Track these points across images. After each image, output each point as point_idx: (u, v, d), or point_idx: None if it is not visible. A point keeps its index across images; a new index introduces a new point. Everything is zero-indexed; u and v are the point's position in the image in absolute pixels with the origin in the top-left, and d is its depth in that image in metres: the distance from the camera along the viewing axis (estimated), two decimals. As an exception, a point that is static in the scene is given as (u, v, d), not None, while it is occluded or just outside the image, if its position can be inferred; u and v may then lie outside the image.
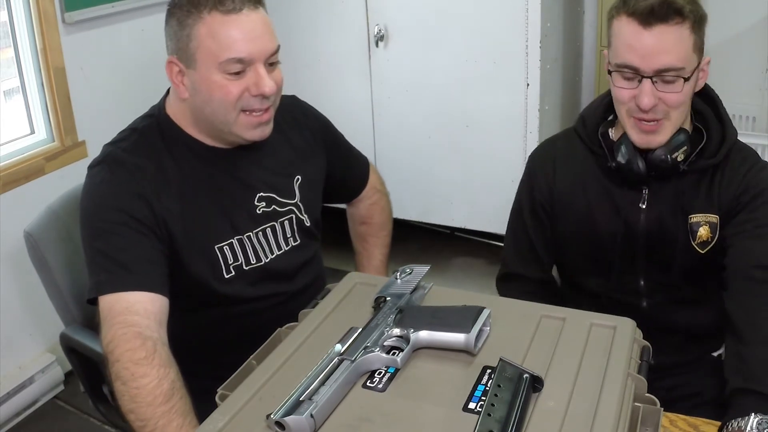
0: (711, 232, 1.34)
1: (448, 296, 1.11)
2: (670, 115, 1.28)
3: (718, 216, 1.33)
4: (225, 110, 1.26)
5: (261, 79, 1.24)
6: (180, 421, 1.08)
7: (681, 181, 1.34)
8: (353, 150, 1.62)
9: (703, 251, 1.35)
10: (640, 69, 1.24)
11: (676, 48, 1.22)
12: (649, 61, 1.22)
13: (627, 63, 1.25)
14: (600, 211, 1.39)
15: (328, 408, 0.87)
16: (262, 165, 1.39)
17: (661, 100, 1.25)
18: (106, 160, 1.30)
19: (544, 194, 1.45)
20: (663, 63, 1.22)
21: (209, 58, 1.23)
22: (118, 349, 1.12)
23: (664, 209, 1.35)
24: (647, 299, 1.41)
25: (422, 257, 3.04)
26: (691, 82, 1.26)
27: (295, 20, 2.83)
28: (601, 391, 0.89)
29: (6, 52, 2.31)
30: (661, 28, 1.21)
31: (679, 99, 1.26)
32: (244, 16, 1.23)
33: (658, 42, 1.21)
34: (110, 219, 1.24)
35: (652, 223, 1.36)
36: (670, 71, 1.23)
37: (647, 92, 1.24)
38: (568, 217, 1.43)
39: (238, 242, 1.34)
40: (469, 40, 2.61)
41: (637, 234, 1.37)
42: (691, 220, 1.34)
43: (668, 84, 1.24)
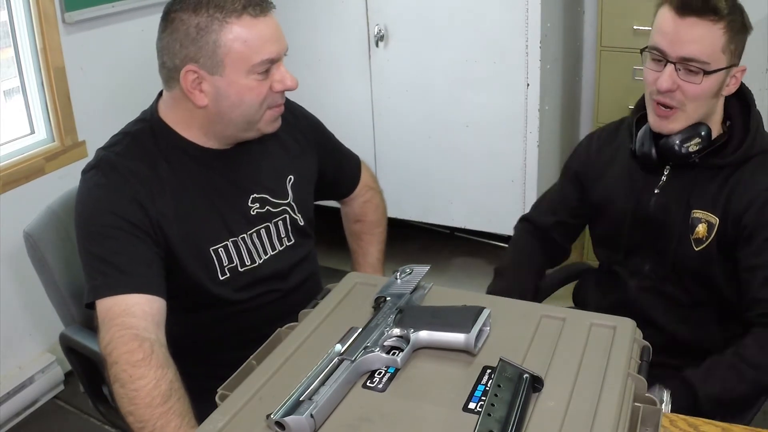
0: (707, 231, 1.36)
1: (448, 296, 1.11)
2: (686, 106, 1.32)
3: (718, 219, 1.35)
4: (254, 111, 1.28)
5: (285, 75, 1.28)
6: (178, 422, 1.08)
7: (696, 175, 1.38)
8: (344, 148, 1.63)
9: (697, 249, 1.37)
10: (666, 53, 1.30)
11: (704, 42, 1.27)
12: (676, 46, 1.28)
13: (656, 45, 1.31)
14: (620, 188, 1.47)
15: (328, 408, 0.87)
16: (255, 166, 1.39)
17: (679, 88, 1.30)
18: (99, 164, 1.29)
19: (580, 166, 1.57)
20: (688, 52, 1.28)
21: (240, 63, 1.23)
22: (116, 352, 1.13)
23: (672, 198, 1.40)
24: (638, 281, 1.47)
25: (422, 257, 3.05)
26: (713, 79, 1.30)
27: (295, 20, 2.83)
28: (601, 391, 0.89)
29: (6, 52, 2.31)
30: (693, 19, 1.27)
31: (697, 91, 1.30)
32: (269, 18, 1.26)
33: (687, 31, 1.27)
34: (105, 223, 1.24)
35: (658, 210, 1.41)
36: (693, 62, 1.28)
37: (668, 75, 1.30)
38: (596, 189, 1.52)
39: (232, 244, 1.35)
40: (469, 40, 2.61)
41: (646, 217, 1.43)
42: (693, 215, 1.38)
43: (690, 74, 1.29)
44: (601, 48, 2.76)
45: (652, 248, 1.44)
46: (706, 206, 1.37)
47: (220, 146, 1.35)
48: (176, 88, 1.28)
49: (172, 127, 1.33)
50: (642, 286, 1.46)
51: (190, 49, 1.22)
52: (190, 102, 1.27)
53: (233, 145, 1.36)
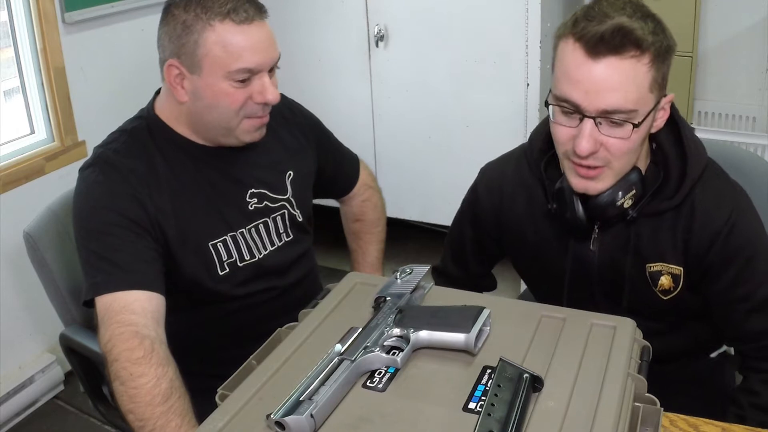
0: (673, 282, 1.21)
1: (448, 296, 1.11)
2: (612, 164, 1.11)
3: (682, 268, 1.20)
4: (229, 117, 1.27)
5: (266, 88, 1.26)
6: (178, 421, 1.09)
7: (634, 227, 1.20)
8: (343, 147, 1.64)
9: (666, 298, 1.23)
10: (581, 107, 1.06)
11: (628, 86, 1.04)
12: (594, 99, 1.04)
13: (567, 97, 1.07)
14: (550, 247, 1.28)
15: (328, 408, 0.87)
16: (253, 162, 1.40)
17: (603, 145, 1.08)
18: (97, 162, 1.30)
19: (490, 223, 1.36)
20: (609, 103, 1.04)
21: (217, 67, 1.23)
22: (116, 349, 1.13)
23: (616, 254, 1.22)
24: None
25: (422, 257, 3.05)
26: (643, 127, 1.08)
27: (295, 20, 2.83)
28: (601, 391, 0.89)
29: (6, 52, 2.31)
30: (611, 60, 1.03)
31: (624, 147, 1.08)
32: (254, 27, 1.24)
33: (605, 77, 1.03)
34: (104, 220, 1.24)
35: (605, 268, 1.24)
36: (617, 113, 1.05)
37: (586, 135, 1.06)
38: (519, 248, 1.35)
39: (231, 239, 1.35)
40: (469, 40, 2.61)
41: (591, 274, 1.26)
42: (651, 269, 1.21)
43: (614, 127, 1.07)
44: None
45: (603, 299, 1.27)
46: (663, 259, 1.20)
47: (211, 144, 1.35)
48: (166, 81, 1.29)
49: (167, 123, 1.33)
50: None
51: (175, 44, 1.24)
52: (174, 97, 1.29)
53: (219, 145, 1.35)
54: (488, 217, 1.35)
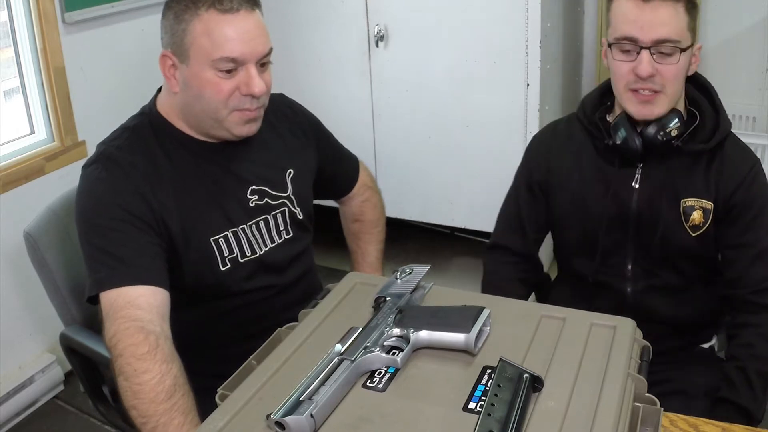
0: (704, 217, 1.38)
1: (448, 296, 1.11)
2: (666, 89, 1.32)
3: (712, 203, 1.37)
4: (216, 107, 1.28)
5: (251, 79, 1.26)
6: (181, 419, 1.09)
7: (674, 164, 1.38)
8: (342, 147, 1.64)
9: (694, 234, 1.39)
10: (639, 40, 1.29)
11: (673, 22, 1.29)
12: (648, 31, 1.29)
13: (626, 35, 1.30)
14: (593, 190, 1.44)
15: (328, 408, 0.87)
16: (253, 159, 1.40)
17: (658, 72, 1.30)
18: (100, 159, 1.30)
19: (540, 173, 1.51)
20: (661, 34, 1.28)
21: (202, 55, 1.24)
22: (120, 344, 1.13)
23: (655, 191, 1.39)
24: (632, 284, 1.45)
25: (422, 257, 3.05)
26: (685, 57, 1.32)
27: (295, 20, 2.83)
28: (601, 391, 0.89)
29: (6, 52, 2.31)
30: (658, 2, 1.28)
31: (675, 72, 1.31)
32: (240, 17, 1.24)
33: (656, 14, 1.28)
34: (108, 216, 1.24)
35: (644, 204, 1.40)
36: (667, 43, 1.29)
37: (646, 61, 1.29)
38: (563, 195, 1.48)
39: (232, 234, 1.35)
40: (469, 40, 2.61)
41: (628, 214, 1.41)
42: (684, 204, 1.38)
43: (665, 56, 1.30)
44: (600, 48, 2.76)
45: (634, 244, 1.43)
46: (697, 194, 1.38)
47: (211, 140, 1.35)
48: None
49: (169, 119, 1.34)
50: (637, 289, 1.44)
51: (169, 35, 1.27)
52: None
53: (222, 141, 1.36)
54: (539, 168, 1.52)
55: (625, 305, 1.45)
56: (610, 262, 1.45)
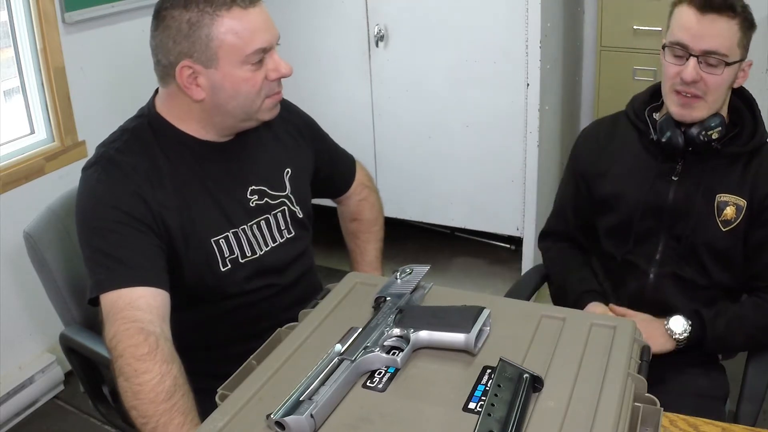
0: (736, 213, 1.45)
1: (448, 296, 1.11)
2: (707, 96, 1.40)
3: (747, 201, 1.44)
4: (252, 100, 1.30)
5: (279, 63, 1.30)
6: (181, 420, 1.09)
7: (713, 163, 1.46)
8: (338, 147, 1.65)
9: (725, 229, 1.45)
10: (689, 47, 1.38)
11: (723, 36, 1.36)
12: (699, 41, 1.37)
13: (679, 41, 1.39)
14: (633, 179, 1.52)
15: (328, 408, 0.87)
16: (252, 158, 1.41)
17: (702, 79, 1.38)
18: (99, 161, 1.30)
19: (584, 164, 1.61)
20: (710, 45, 1.36)
21: (233, 54, 1.24)
22: (120, 345, 1.13)
23: (692, 186, 1.47)
24: (657, 269, 1.51)
25: (422, 257, 3.05)
26: (731, 71, 1.39)
27: (294, 20, 2.83)
28: (601, 391, 0.89)
29: (6, 52, 2.31)
30: (713, 16, 1.36)
31: (718, 82, 1.39)
32: (258, 8, 1.27)
33: (709, 27, 1.36)
34: (108, 217, 1.24)
35: (680, 197, 1.47)
36: (714, 54, 1.37)
37: (691, 67, 1.38)
38: (604, 184, 1.56)
39: (233, 235, 1.35)
40: (469, 40, 2.61)
41: (664, 205, 1.48)
42: (719, 199, 1.46)
43: (711, 66, 1.38)
44: (601, 48, 2.76)
45: (666, 233, 1.49)
46: (732, 190, 1.45)
47: (218, 138, 1.36)
48: (172, 84, 1.29)
49: (170, 121, 1.34)
50: (661, 274, 1.50)
51: (183, 44, 1.24)
52: (186, 97, 1.29)
53: (232, 136, 1.37)
54: (585, 158, 1.62)
55: (646, 288, 1.51)
56: (640, 248, 1.52)
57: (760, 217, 1.45)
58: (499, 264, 3.10)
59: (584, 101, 3.13)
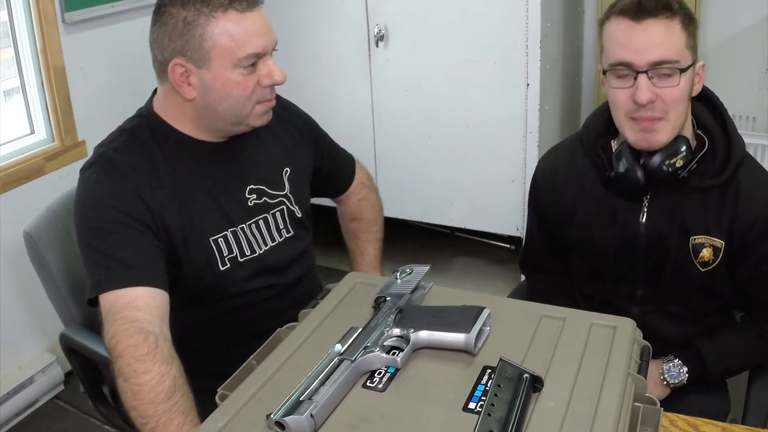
0: (714, 255, 1.32)
1: (448, 296, 1.11)
2: (669, 115, 1.24)
3: (724, 241, 1.31)
4: (242, 105, 1.29)
5: (273, 69, 1.29)
6: (181, 420, 1.09)
7: (683, 197, 1.31)
8: (338, 146, 1.65)
9: (704, 270, 1.34)
10: (633, 64, 1.21)
11: (668, 40, 1.21)
12: (643, 54, 1.20)
13: (620, 59, 1.22)
14: (599, 222, 1.38)
15: (328, 408, 0.87)
16: (251, 158, 1.41)
17: (658, 96, 1.22)
18: (98, 161, 1.30)
19: (546, 205, 1.49)
20: (657, 55, 1.20)
21: (226, 57, 1.24)
22: (120, 345, 1.13)
23: (663, 225, 1.33)
24: (640, 307, 1.41)
25: (422, 257, 3.05)
26: (687, 78, 1.23)
27: (294, 20, 2.83)
28: (601, 391, 0.89)
29: (6, 52, 2.31)
30: (651, 21, 1.20)
31: (676, 95, 1.22)
32: (256, 12, 1.26)
33: (649, 35, 1.20)
34: (107, 218, 1.24)
35: (652, 239, 1.34)
36: (664, 64, 1.21)
37: (644, 86, 1.21)
38: (570, 227, 1.44)
39: (232, 234, 1.36)
40: (469, 40, 2.61)
41: (636, 248, 1.36)
42: (694, 241, 1.32)
43: (664, 78, 1.22)
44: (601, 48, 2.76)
45: (644, 274, 1.39)
46: (707, 231, 1.31)
47: (213, 139, 1.36)
48: (167, 81, 1.29)
49: (167, 121, 1.34)
50: (644, 311, 1.40)
51: (177, 42, 1.24)
52: (179, 95, 1.29)
53: (227, 138, 1.37)
54: (546, 199, 1.48)
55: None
56: (620, 288, 1.42)
57: (744, 254, 1.32)
58: (499, 264, 3.10)
59: (584, 101, 3.13)
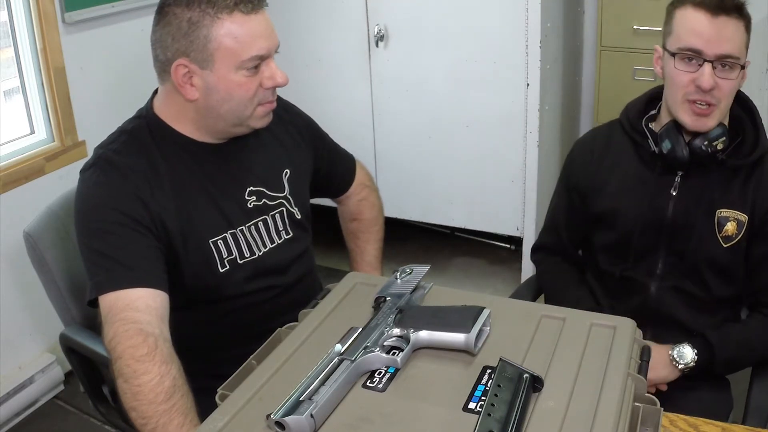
0: (737, 229, 1.40)
1: (448, 296, 1.11)
2: (722, 103, 1.36)
3: (748, 216, 1.40)
4: (244, 106, 1.29)
5: (276, 72, 1.29)
6: (181, 420, 1.09)
7: (713, 176, 1.41)
8: (338, 147, 1.65)
9: (726, 245, 1.41)
10: (703, 52, 1.32)
11: (736, 38, 1.32)
12: (713, 45, 1.31)
13: (691, 46, 1.33)
14: (630, 195, 1.47)
15: (328, 408, 0.87)
16: (250, 160, 1.41)
17: (717, 85, 1.33)
18: (98, 162, 1.30)
19: (579, 178, 1.55)
20: (725, 49, 1.31)
21: (230, 58, 1.24)
22: (119, 346, 1.13)
23: (692, 200, 1.42)
24: (659, 283, 1.46)
25: (422, 257, 3.05)
26: (742, 74, 1.35)
27: (295, 20, 2.83)
28: (601, 391, 0.89)
29: (6, 52, 2.31)
30: (725, 19, 1.31)
31: (732, 86, 1.35)
32: (261, 15, 1.26)
33: (722, 30, 1.31)
34: (106, 219, 1.24)
35: (679, 213, 1.42)
36: (729, 58, 1.32)
37: (708, 74, 1.32)
38: (600, 199, 1.51)
39: (231, 236, 1.35)
40: (469, 40, 2.61)
41: (663, 221, 1.43)
42: (719, 214, 1.40)
43: (726, 71, 1.33)
44: (601, 48, 2.76)
45: (666, 250, 1.45)
46: (733, 205, 1.40)
47: (213, 140, 1.36)
48: (168, 81, 1.29)
49: (167, 122, 1.34)
50: (663, 287, 1.46)
51: (181, 42, 1.24)
52: (181, 96, 1.29)
53: (227, 139, 1.37)
54: (580, 172, 1.56)
55: (648, 303, 1.47)
56: (640, 264, 1.48)
57: (762, 231, 1.40)
58: (499, 264, 3.10)
59: (584, 101, 3.13)
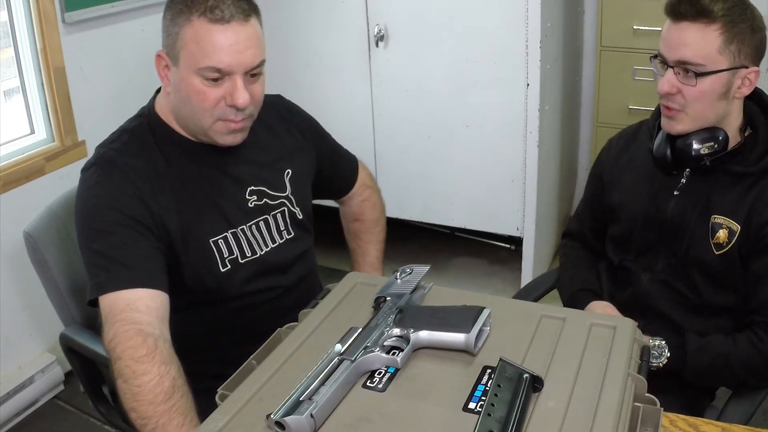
0: (728, 237, 1.38)
1: (448, 296, 1.11)
2: (687, 109, 1.35)
3: (740, 226, 1.37)
4: (200, 114, 1.27)
5: (236, 91, 1.25)
6: (180, 420, 1.09)
7: (716, 180, 1.40)
8: (341, 147, 1.65)
9: (717, 252, 1.39)
10: (665, 57, 1.35)
11: (697, 44, 1.30)
12: (671, 51, 1.33)
13: (658, 51, 1.36)
14: (639, 191, 1.50)
15: (328, 408, 0.87)
16: (251, 160, 1.41)
17: (680, 91, 1.33)
18: (99, 162, 1.30)
19: (604, 169, 1.60)
20: (681, 55, 1.31)
21: (190, 61, 1.24)
22: (119, 347, 1.13)
23: (690, 202, 1.42)
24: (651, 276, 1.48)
25: (422, 257, 3.05)
26: (710, 81, 1.31)
27: (295, 20, 2.83)
28: (601, 391, 0.89)
29: (6, 52, 2.31)
30: (685, 24, 1.30)
31: (694, 94, 1.32)
32: (231, 28, 1.22)
33: (681, 35, 1.31)
34: (107, 219, 1.24)
35: (677, 213, 1.43)
36: (687, 64, 1.31)
37: (666, 79, 1.34)
38: (615, 192, 1.55)
39: (232, 235, 1.35)
40: (469, 40, 2.61)
41: (664, 221, 1.45)
42: (713, 220, 1.39)
43: (689, 77, 1.32)
44: (601, 48, 2.76)
45: (665, 248, 1.46)
46: (726, 212, 1.38)
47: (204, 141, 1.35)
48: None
49: (167, 121, 1.34)
50: (654, 279, 1.48)
51: (164, 35, 1.27)
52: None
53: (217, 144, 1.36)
54: (605, 162, 1.61)
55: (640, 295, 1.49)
56: (641, 259, 1.50)
57: (757, 246, 1.36)
58: (499, 264, 3.10)
59: (584, 101, 3.13)
